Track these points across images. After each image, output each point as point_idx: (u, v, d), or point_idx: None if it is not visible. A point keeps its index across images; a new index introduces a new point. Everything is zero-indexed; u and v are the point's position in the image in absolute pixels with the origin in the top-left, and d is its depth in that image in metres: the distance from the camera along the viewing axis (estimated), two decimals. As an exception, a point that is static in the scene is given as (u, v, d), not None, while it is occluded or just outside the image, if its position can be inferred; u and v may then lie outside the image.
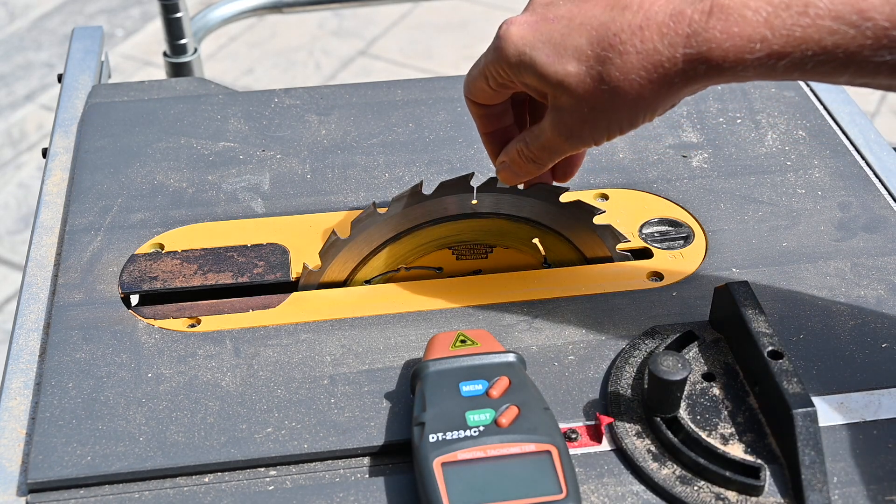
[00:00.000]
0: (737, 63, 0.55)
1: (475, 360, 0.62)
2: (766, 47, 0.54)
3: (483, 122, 0.68)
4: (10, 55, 2.65)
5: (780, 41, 0.54)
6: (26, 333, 0.70)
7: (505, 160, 0.68)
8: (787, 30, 0.54)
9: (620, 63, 0.57)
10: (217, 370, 0.67)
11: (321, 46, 2.65)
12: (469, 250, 0.75)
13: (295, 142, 0.87)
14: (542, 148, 0.64)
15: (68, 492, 0.60)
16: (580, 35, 0.58)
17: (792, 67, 0.55)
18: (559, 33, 0.59)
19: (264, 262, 0.75)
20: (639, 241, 0.77)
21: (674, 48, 0.56)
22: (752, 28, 0.54)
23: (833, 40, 0.53)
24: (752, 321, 0.63)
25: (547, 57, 0.59)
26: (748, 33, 0.54)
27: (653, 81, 0.57)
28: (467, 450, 0.57)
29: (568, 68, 0.58)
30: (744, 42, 0.54)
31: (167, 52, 1.22)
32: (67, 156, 0.87)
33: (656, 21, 0.56)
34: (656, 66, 0.56)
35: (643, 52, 0.56)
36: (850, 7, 0.53)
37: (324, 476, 0.61)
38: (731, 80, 0.57)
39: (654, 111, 0.59)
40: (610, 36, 0.57)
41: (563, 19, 0.59)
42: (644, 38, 0.56)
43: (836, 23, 0.53)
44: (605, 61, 0.57)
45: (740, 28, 0.54)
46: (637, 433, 0.62)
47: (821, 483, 0.57)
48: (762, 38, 0.54)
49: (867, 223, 0.78)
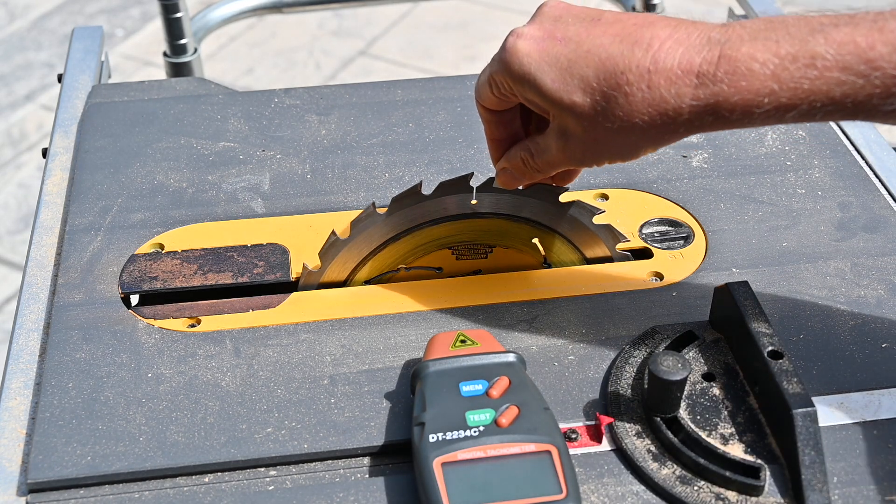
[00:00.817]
0: (744, 116, 0.55)
1: (475, 360, 0.62)
2: (774, 101, 0.54)
3: (491, 127, 0.68)
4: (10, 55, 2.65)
5: (788, 94, 0.53)
6: (26, 333, 0.70)
7: (506, 167, 0.67)
8: (794, 83, 0.53)
9: (626, 104, 0.56)
10: (217, 370, 0.67)
11: (321, 46, 2.65)
12: (469, 250, 0.75)
13: (295, 142, 0.87)
14: (546, 163, 0.64)
15: (68, 492, 0.60)
16: (587, 65, 0.58)
17: (800, 117, 0.55)
18: (566, 58, 0.58)
19: (264, 262, 0.75)
20: (639, 241, 0.77)
21: (680, 98, 0.55)
22: (760, 82, 0.54)
23: (842, 91, 0.53)
24: (752, 321, 0.63)
25: (553, 82, 0.59)
26: (756, 87, 0.54)
27: (656, 126, 0.57)
28: (467, 450, 0.57)
29: (574, 98, 0.58)
30: (752, 96, 0.54)
31: (167, 52, 1.22)
32: (67, 156, 0.87)
33: (665, 66, 0.55)
34: (662, 113, 0.56)
35: (650, 97, 0.56)
36: (857, 57, 0.52)
37: (324, 476, 0.61)
38: (737, 127, 0.56)
39: (657, 146, 0.59)
40: (618, 74, 0.56)
41: (571, 42, 0.59)
42: (651, 84, 0.56)
43: (843, 74, 0.52)
44: (611, 99, 0.57)
45: (748, 82, 0.54)
46: (637, 433, 0.62)
47: (821, 483, 0.57)
48: (770, 92, 0.54)
49: (867, 223, 0.78)
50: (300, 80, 2.50)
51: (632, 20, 0.58)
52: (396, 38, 2.67)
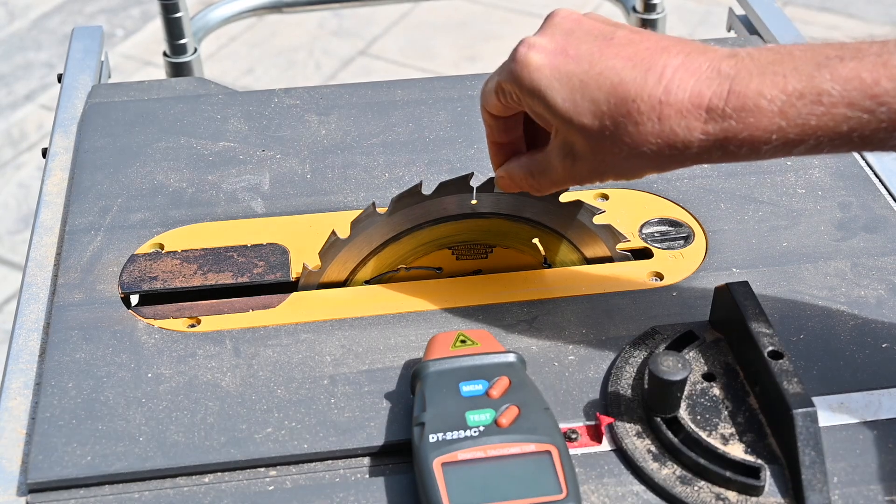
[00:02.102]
0: (752, 152, 0.55)
1: (475, 360, 0.62)
2: (781, 137, 0.54)
3: (493, 132, 0.68)
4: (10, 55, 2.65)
5: (796, 130, 0.54)
6: (26, 333, 0.70)
7: (504, 176, 0.67)
8: (802, 119, 0.54)
9: (635, 132, 0.57)
10: (217, 370, 0.67)
11: (321, 46, 2.65)
12: (469, 250, 0.75)
13: (295, 142, 0.87)
14: (549, 182, 0.64)
15: (68, 492, 0.60)
16: (599, 87, 0.58)
17: (808, 151, 0.55)
18: (578, 78, 0.58)
19: (264, 262, 0.75)
20: (639, 241, 0.77)
21: (690, 132, 0.56)
22: (768, 119, 0.54)
23: (848, 126, 0.53)
24: (752, 321, 0.63)
25: (563, 101, 0.59)
26: (764, 124, 0.54)
27: (664, 156, 0.57)
28: (467, 450, 0.57)
29: (583, 120, 0.58)
30: (760, 133, 0.54)
31: (167, 52, 1.22)
32: (67, 156, 0.87)
33: (676, 99, 0.56)
34: (670, 145, 0.56)
35: (659, 129, 0.56)
36: (863, 93, 0.53)
37: (324, 476, 0.61)
38: (745, 160, 0.57)
39: (661, 171, 0.60)
40: (629, 101, 0.56)
41: (583, 61, 0.59)
42: (662, 115, 0.56)
43: (850, 110, 0.53)
44: (620, 126, 0.57)
45: (756, 119, 0.54)
46: (637, 433, 0.62)
47: (821, 483, 0.57)
48: (778, 129, 0.54)
49: (867, 223, 0.78)
50: (300, 80, 2.50)
51: (644, 43, 0.58)
52: (396, 38, 2.67)
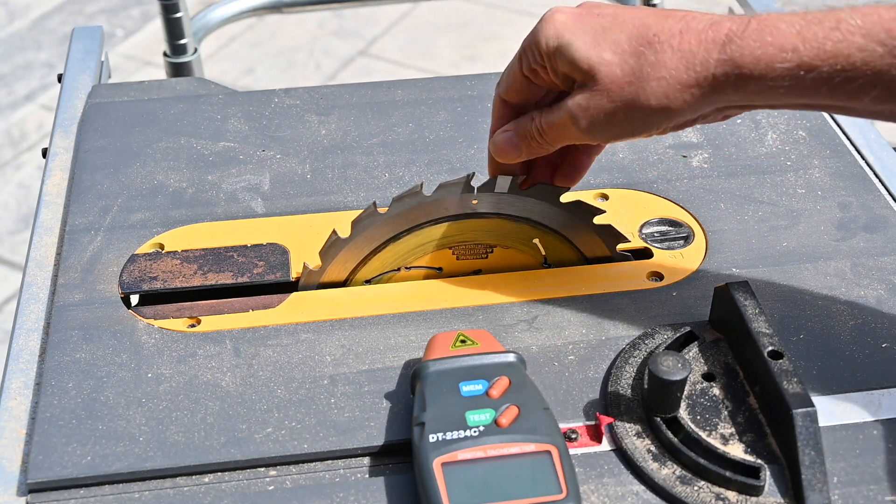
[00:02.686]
0: (767, 71, 0.56)
1: (475, 360, 0.62)
2: (796, 57, 0.56)
3: (499, 123, 0.68)
4: (10, 55, 2.65)
5: (811, 53, 0.55)
6: (26, 333, 0.70)
7: (510, 129, 0.67)
8: (818, 42, 0.55)
9: (654, 60, 0.58)
10: (217, 370, 0.67)
11: (321, 46, 2.65)
12: (469, 250, 0.75)
13: (295, 142, 0.87)
14: (551, 125, 0.64)
15: (68, 492, 0.60)
16: (621, 30, 0.60)
17: (819, 81, 0.56)
18: (601, 26, 0.61)
19: (264, 262, 0.75)
20: (639, 241, 0.77)
21: (708, 52, 0.57)
22: (785, 38, 0.56)
23: (861, 57, 0.55)
24: (752, 321, 0.63)
25: (584, 44, 0.60)
26: (780, 42, 0.56)
27: (682, 83, 0.58)
28: (467, 450, 0.57)
29: (603, 55, 0.60)
30: (776, 51, 0.56)
31: (167, 52, 1.22)
32: (67, 156, 0.87)
33: (695, 28, 0.58)
34: (688, 66, 0.58)
35: (679, 51, 0.58)
36: (879, 27, 0.54)
37: (324, 476, 0.61)
38: (757, 94, 0.58)
39: (671, 119, 0.60)
40: (650, 35, 0.59)
41: (607, 16, 0.62)
42: (682, 41, 0.58)
43: (865, 40, 0.54)
44: (640, 55, 0.59)
45: (773, 38, 0.56)
46: (637, 433, 0.62)
47: (821, 483, 0.57)
48: (794, 48, 0.56)
49: (867, 223, 0.78)
50: (300, 80, 2.49)
51: (662, 9, 0.62)
52: (396, 38, 2.67)
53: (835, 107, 0.59)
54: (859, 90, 0.56)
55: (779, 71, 0.56)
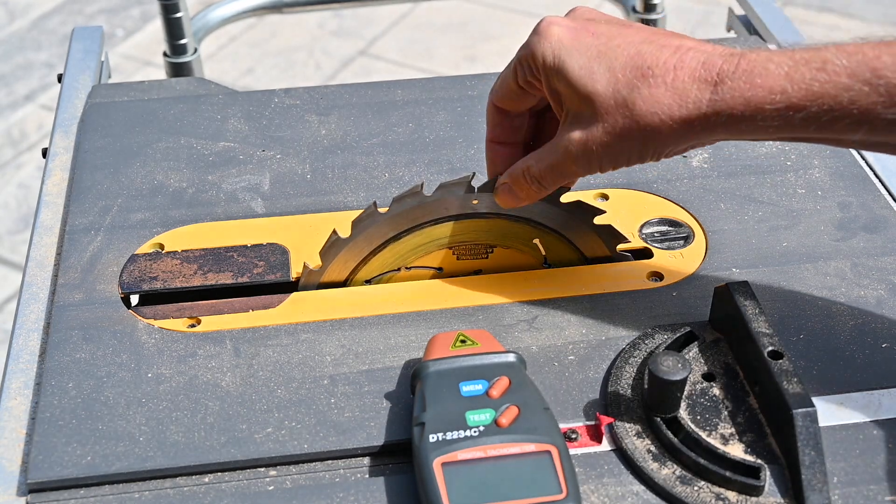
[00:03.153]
0: (756, 112, 0.57)
1: (475, 360, 0.62)
2: (785, 99, 0.57)
3: (496, 130, 0.69)
4: (10, 55, 2.65)
5: (799, 94, 0.56)
6: (26, 333, 0.70)
7: (507, 181, 0.68)
8: (805, 84, 0.56)
9: (648, 94, 0.59)
10: (217, 370, 0.67)
11: (321, 46, 2.65)
12: (469, 250, 0.75)
13: (295, 142, 0.87)
14: (550, 168, 0.65)
15: (68, 492, 0.60)
16: (615, 57, 0.61)
17: (808, 120, 0.57)
18: (596, 49, 0.61)
19: (264, 262, 0.75)
20: (639, 241, 0.77)
21: (701, 92, 0.58)
22: (774, 80, 0.57)
23: (848, 96, 0.56)
24: (752, 321, 0.63)
25: (580, 68, 0.61)
26: (770, 84, 0.57)
27: (674, 119, 0.59)
28: (467, 450, 0.57)
29: (597, 86, 0.60)
30: (765, 93, 0.57)
31: (167, 52, 1.22)
32: (67, 156, 0.87)
33: (689, 66, 0.59)
34: (681, 105, 0.58)
35: (672, 88, 0.59)
36: (864, 66, 0.55)
37: (324, 476, 0.61)
38: (747, 132, 0.59)
39: (664, 150, 0.61)
40: (644, 67, 0.60)
41: (602, 37, 0.62)
42: (676, 77, 0.59)
43: (851, 80, 0.55)
44: (634, 89, 0.59)
45: (763, 80, 0.57)
46: (637, 433, 0.62)
47: (821, 483, 0.57)
48: (782, 90, 0.57)
49: (867, 223, 0.78)
50: (300, 80, 2.49)
51: (661, 31, 0.63)
52: (396, 38, 2.67)
53: (825, 140, 0.60)
54: (847, 128, 0.57)
55: (768, 112, 0.57)
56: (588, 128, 0.61)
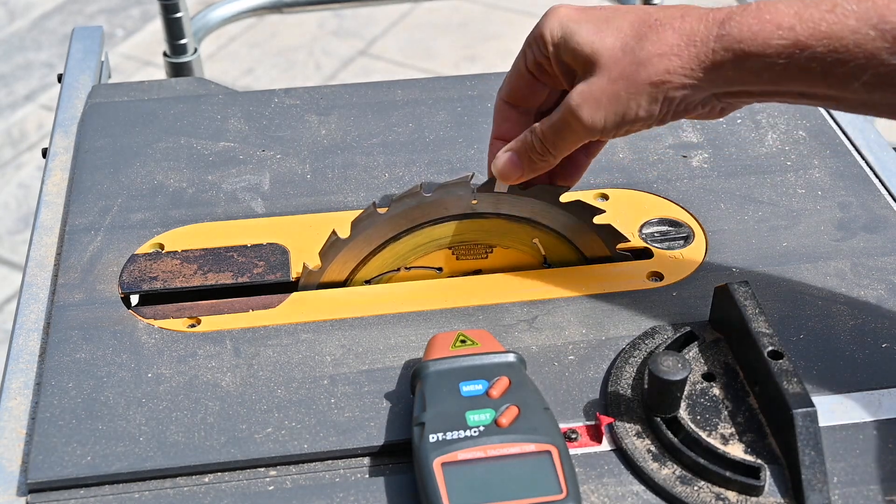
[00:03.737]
0: (763, 47, 0.58)
1: (475, 360, 0.62)
2: (792, 35, 0.58)
3: (502, 126, 0.69)
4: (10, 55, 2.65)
5: (806, 32, 0.58)
6: (26, 333, 0.70)
7: (511, 147, 0.68)
8: (813, 23, 0.57)
9: (656, 39, 0.61)
10: (217, 370, 0.67)
11: (321, 46, 2.65)
12: (469, 250, 0.75)
13: (295, 142, 0.87)
14: (552, 126, 0.65)
15: (68, 492, 0.60)
16: (623, 18, 0.63)
17: (813, 60, 0.58)
18: (604, 16, 0.64)
19: (264, 262, 0.75)
20: (639, 241, 0.77)
21: (708, 29, 0.60)
22: (782, 17, 0.58)
23: (854, 39, 0.57)
24: (752, 321, 0.63)
25: (587, 32, 0.63)
26: (778, 20, 0.58)
27: (681, 58, 0.60)
28: (467, 450, 0.57)
29: (605, 40, 0.62)
30: (773, 28, 0.58)
31: (167, 52, 1.22)
32: (67, 156, 0.87)
33: (697, 12, 0.61)
34: (689, 42, 0.60)
35: (680, 30, 0.60)
36: (873, 11, 0.56)
37: (324, 476, 0.61)
38: (754, 76, 0.60)
39: (674, 96, 0.61)
40: (651, 20, 0.62)
41: (610, 9, 0.65)
42: (683, 22, 0.61)
43: (858, 23, 0.57)
44: (643, 37, 0.61)
45: (771, 16, 0.59)
46: (637, 433, 0.62)
47: (821, 483, 0.57)
48: (790, 27, 0.58)
49: (867, 223, 0.78)
50: (300, 80, 2.50)
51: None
52: (396, 38, 2.67)
53: (828, 96, 0.60)
54: (851, 73, 0.58)
55: (775, 47, 0.58)
56: (595, 79, 0.62)
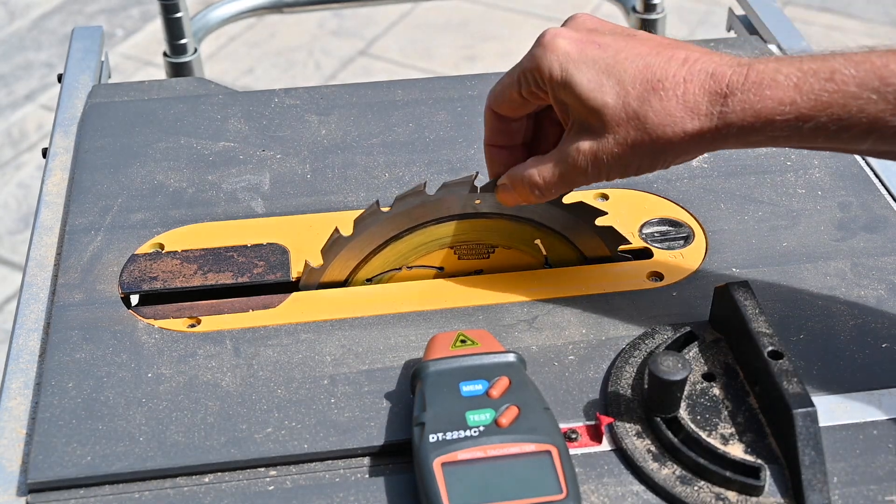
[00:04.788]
0: (766, 124, 0.58)
1: (475, 360, 0.62)
2: (794, 110, 0.57)
3: (494, 135, 0.69)
4: (10, 55, 2.65)
5: (808, 105, 0.57)
6: (26, 333, 0.70)
7: (507, 183, 0.68)
8: (814, 94, 0.57)
9: (660, 108, 0.59)
10: (217, 370, 0.67)
11: (321, 46, 2.65)
12: (470, 250, 0.75)
13: (295, 142, 0.87)
14: (555, 177, 0.64)
15: (68, 492, 0.60)
16: (624, 70, 0.60)
17: (817, 130, 0.57)
18: (604, 61, 0.61)
19: (264, 262, 0.75)
20: (639, 241, 0.77)
21: (711, 105, 0.58)
22: (783, 92, 0.57)
23: (857, 105, 0.56)
24: (752, 321, 0.63)
25: (589, 81, 0.61)
26: (779, 96, 0.57)
27: (686, 131, 0.59)
28: (467, 450, 0.57)
29: (607, 99, 0.60)
30: (774, 104, 0.57)
31: (167, 52, 1.22)
32: (67, 156, 0.87)
33: (699, 78, 0.59)
34: (693, 117, 0.59)
35: (683, 102, 0.59)
36: (872, 75, 0.56)
37: (324, 476, 0.61)
38: (757, 143, 0.59)
39: (675, 160, 0.61)
40: (654, 80, 0.59)
41: (609, 49, 0.61)
42: (686, 91, 0.59)
43: (859, 89, 0.56)
44: (645, 102, 0.59)
45: (772, 91, 0.57)
46: (637, 433, 0.62)
47: (821, 483, 0.57)
48: (791, 101, 0.57)
49: (867, 223, 0.78)
50: (300, 80, 2.50)
51: (665, 40, 0.62)
52: (396, 38, 2.67)
53: (834, 148, 0.60)
54: (856, 137, 0.57)
55: (778, 123, 0.57)
56: (598, 139, 0.61)
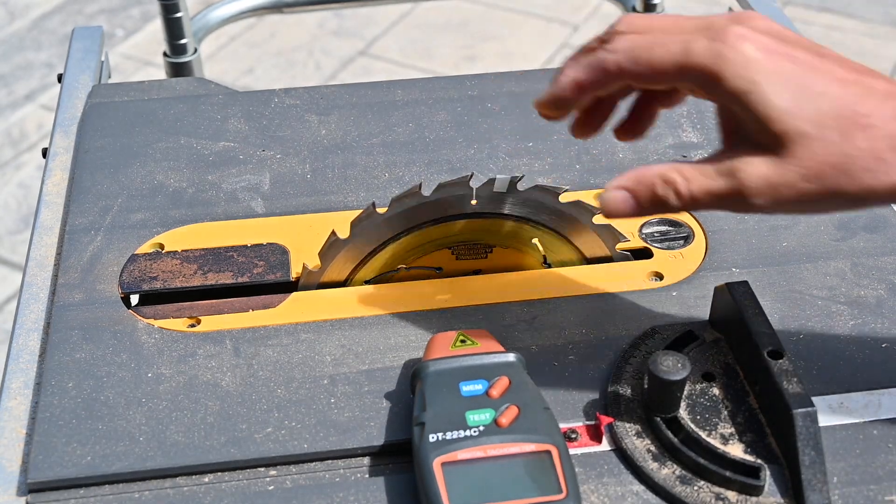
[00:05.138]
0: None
1: (475, 360, 0.62)
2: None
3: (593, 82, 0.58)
4: (10, 55, 2.65)
5: None
6: (26, 333, 0.70)
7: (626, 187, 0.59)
8: None
9: (867, 148, 0.52)
10: (217, 370, 0.67)
11: (321, 46, 2.65)
12: (469, 250, 0.75)
13: (295, 142, 0.87)
14: (711, 192, 0.55)
15: (68, 492, 0.60)
16: (823, 94, 0.53)
17: None
18: (800, 79, 0.53)
19: (264, 262, 0.75)
20: (639, 241, 0.77)
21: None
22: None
23: None
24: (752, 321, 0.63)
25: (779, 100, 0.52)
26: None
27: (889, 173, 0.52)
28: (467, 450, 0.57)
29: (802, 126, 0.52)
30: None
31: (167, 52, 1.22)
32: (67, 156, 0.87)
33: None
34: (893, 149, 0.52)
35: (892, 144, 0.52)
36: None
37: (324, 476, 0.61)
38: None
39: (864, 206, 0.54)
40: (858, 114, 0.52)
41: (804, 65, 0.53)
42: (893, 125, 0.52)
43: None
44: (849, 138, 0.52)
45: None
46: (637, 433, 0.62)
47: (821, 483, 0.57)
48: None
49: (867, 223, 0.78)
50: (300, 80, 2.50)
51: (855, 65, 0.55)
52: (396, 38, 2.67)
53: None
54: None
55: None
56: (785, 172, 0.53)
